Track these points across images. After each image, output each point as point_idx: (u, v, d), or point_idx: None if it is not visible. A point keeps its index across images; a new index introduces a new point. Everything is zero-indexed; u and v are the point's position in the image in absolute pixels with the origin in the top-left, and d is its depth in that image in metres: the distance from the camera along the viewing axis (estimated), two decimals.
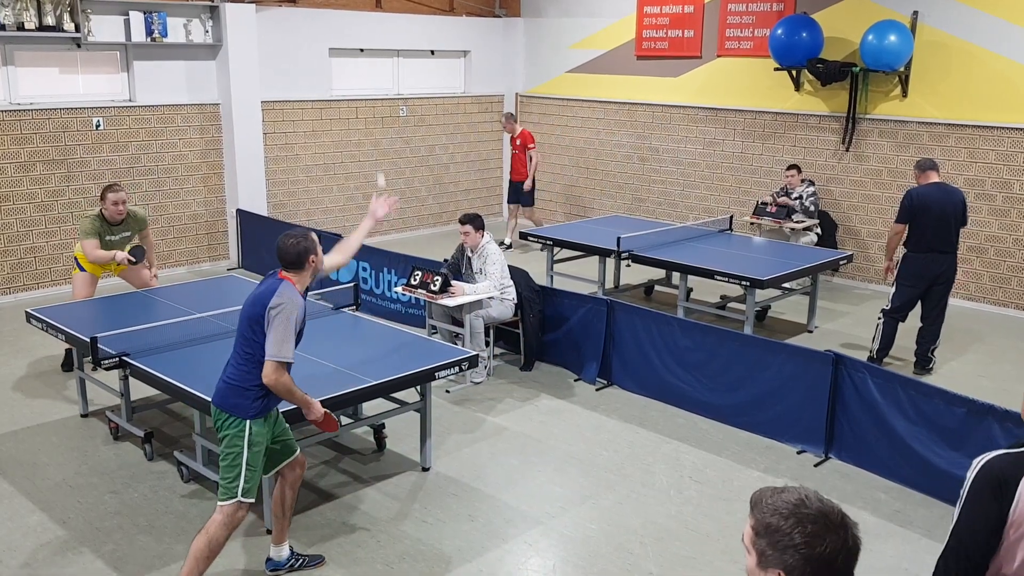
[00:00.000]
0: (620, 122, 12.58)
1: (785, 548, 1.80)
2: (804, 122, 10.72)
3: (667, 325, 6.90)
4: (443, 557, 4.80)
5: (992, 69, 9.20)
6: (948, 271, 7.35)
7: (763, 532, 1.84)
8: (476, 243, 7.40)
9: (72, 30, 9.27)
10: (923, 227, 7.22)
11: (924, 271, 7.32)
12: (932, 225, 7.20)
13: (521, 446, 6.16)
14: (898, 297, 7.44)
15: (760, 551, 1.84)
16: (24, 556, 4.76)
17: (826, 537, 1.78)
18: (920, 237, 7.26)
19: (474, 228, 7.37)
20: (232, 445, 4.18)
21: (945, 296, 7.47)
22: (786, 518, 1.81)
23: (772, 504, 1.86)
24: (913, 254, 7.33)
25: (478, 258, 7.41)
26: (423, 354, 5.63)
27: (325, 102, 11.67)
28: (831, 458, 6.01)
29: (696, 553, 4.88)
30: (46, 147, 9.45)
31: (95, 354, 5.33)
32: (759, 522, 1.86)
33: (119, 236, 7.22)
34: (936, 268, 7.32)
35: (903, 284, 7.41)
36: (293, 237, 4.25)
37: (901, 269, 7.43)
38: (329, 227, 11.35)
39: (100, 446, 6.07)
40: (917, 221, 7.24)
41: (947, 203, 7.23)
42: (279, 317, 4.04)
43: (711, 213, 11.53)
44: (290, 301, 4.08)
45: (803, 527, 1.79)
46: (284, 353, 4.06)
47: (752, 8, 10.96)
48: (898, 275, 7.45)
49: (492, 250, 7.36)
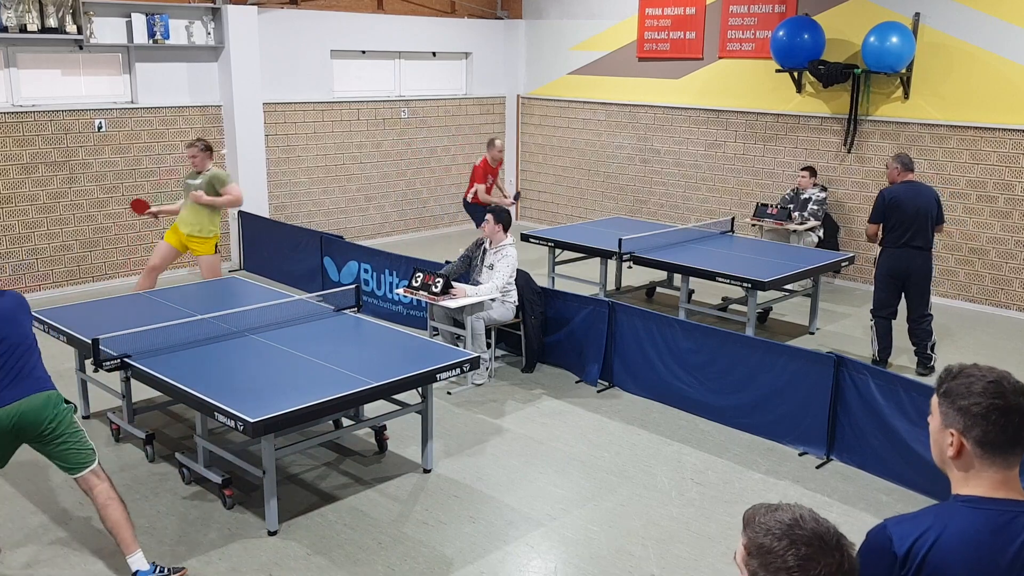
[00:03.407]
0: (621, 124, 12.58)
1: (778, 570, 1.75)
2: (806, 124, 10.72)
3: (669, 327, 6.90)
4: (444, 559, 4.80)
5: (994, 70, 9.19)
6: (923, 267, 7.43)
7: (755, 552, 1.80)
8: (494, 234, 7.40)
9: (74, 32, 9.28)
10: (896, 225, 7.35)
11: (898, 267, 7.42)
12: (906, 222, 7.32)
13: (522, 448, 6.16)
14: (876, 294, 7.59)
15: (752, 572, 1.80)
16: (25, 557, 4.76)
17: (820, 560, 1.74)
18: (893, 234, 7.38)
19: (494, 219, 7.37)
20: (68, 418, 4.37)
21: (926, 292, 7.51)
22: (779, 539, 1.76)
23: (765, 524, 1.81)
24: (887, 250, 7.46)
25: (494, 254, 7.41)
26: (424, 356, 5.63)
27: (327, 104, 11.68)
28: (833, 460, 6.01)
29: (697, 555, 4.87)
30: (48, 149, 9.46)
31: (96, 356, 5.33)
32: (751, 541, 1.81)
33: (195, 183, 8.22)
34: (910, 264, 7.40)
35: (879, 281, 7.57)
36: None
37: (877, 266, 7.59)
38: (330, 229, 11.35)
39: (101, 447, 6.06)
40: (891, 219, 7.37)
41: (920, 201, 7.34)
42: None
43: (712, 215, 11.53)
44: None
45: (796, 549, 1.75)
46: None
47: (754, 10, 10.96)
48: (875, 273, 7.62)
49: (509, 252, 7.36)
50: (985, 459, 2.03)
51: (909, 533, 2.02)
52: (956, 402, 2.04)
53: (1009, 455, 2.02)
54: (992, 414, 1.99)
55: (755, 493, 5.57)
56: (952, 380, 2.08)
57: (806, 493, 5.58)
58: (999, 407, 2.00)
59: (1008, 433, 2.00)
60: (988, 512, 2.01)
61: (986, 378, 2.03)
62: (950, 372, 2.11)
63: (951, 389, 2.06)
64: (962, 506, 2.04)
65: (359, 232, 12.16)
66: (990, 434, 2.00)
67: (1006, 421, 2.00)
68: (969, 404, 2.02)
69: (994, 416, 1.99)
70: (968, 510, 2.03)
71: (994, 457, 2.02)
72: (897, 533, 2.03)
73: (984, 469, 2.03)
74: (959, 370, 2.09)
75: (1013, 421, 2.00)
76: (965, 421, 2.02)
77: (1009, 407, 2.00)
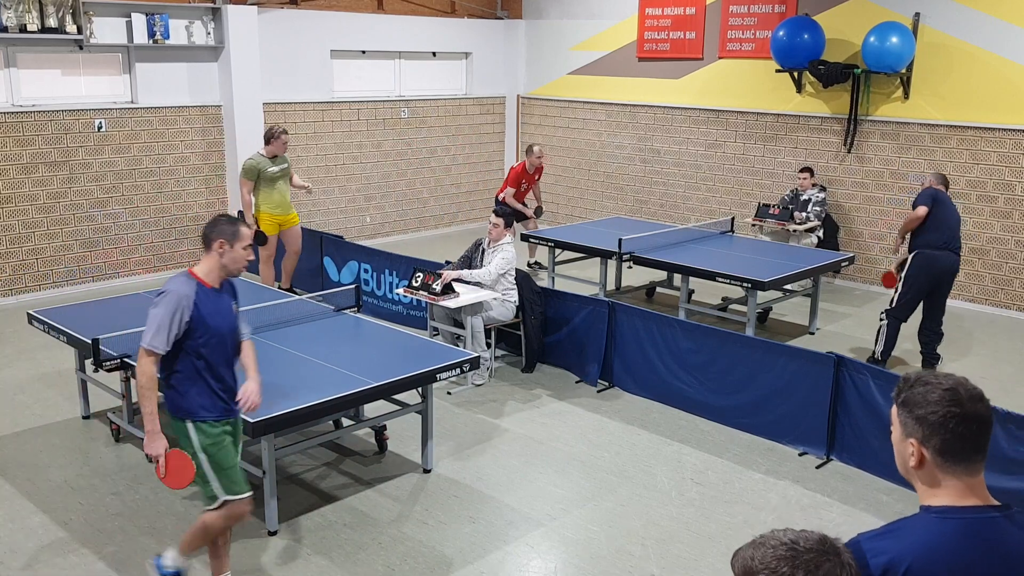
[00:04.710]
0: (621, 124, 12.58)
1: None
2: (806, 124, 10.72)
3: (669, 327, 6.90)
4: (444, 559, 4.80)
5: (994, 70, 9.20)
6: (955, 269, 7.37)
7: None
8: (500, 238, 7.43)
9: (74, 32, 9.28)
10: (940, 225, 7.20)
11: (938, 268, 7.29)
12: (948, 222, 7.24)
13: (522, 448, 6.16)
14: (906, 296, 7.36)
15: None
16: (26, 557, 4.76)
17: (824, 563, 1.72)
18: (936, 234, 7.22)
19: (505, 224, 7.42)
20: (190, 451, 4.03)
21: (947, 294, 7.49)
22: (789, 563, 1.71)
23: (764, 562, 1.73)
24: (928, 252, 7.24)
25: (492, 252, 7.43)
26: (424, 356, 5.63)
27: (327, 104, 11.68)
28: (833, 460, 6.01)
29: (697, 555, 4.87)
30: (48, 149, 9.46)
31: (96, 356, 5.33)
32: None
33: (281, 168, 8.91)
34: (950, 267, 7.32)
35: (914, 283, 7.32)
36: (224, 216, 4.15)
37: (913, 267, 7.31)
38: (330, 229, 11.35)
39: (102, 448, 6.07)
40: (936, 215, 7.20)
41: (955, 207, 7.39)
42: (158, 306, 3.91)
43: (712, 215, 11.53)
44: (174, 291, 3.92)
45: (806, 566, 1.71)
46: (154, 342, 3.89)
47: (754, 10, 10.96)
48: (908, 274, 7.34)
49: (506, 248, 7.39)
50: (947, 468, 1.98)
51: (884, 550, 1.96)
52: (914, 411, 2.00)
53: (970, 463, 1.98)
54: (950, 422, 1.96)
55: (755, 493, 5.57)
56: (909, 389, 2.04)
57: (806, 493, 5.58)
58: (956, 415, 1.96)
59: (967, 441, 1.96)
60: (959, 521, 1.96)
61: (942, 386, 1.99)
62: (907, 381, 2.06)
63: (909, 399, 2.03)
64: (934, 518, 1.99)
65: (359, 232, 12.16)
66: (949, 443, 1.96)
67: (964, 429, 1.96)
68: (926, 413, 1.98)
69: (951, 424, 1.95)
70: (939, 520, 1.98)
71: (955, 466, 1.98)
72: (871, 549, 1.96)
73: (947, 478, 1.99)
74: (916, 378, 2.05)
75: (971, 428, 1.96)
76: (924, 431, 1.98)
77: (966, 414, 1.96)
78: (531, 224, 10.57)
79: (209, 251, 4.01)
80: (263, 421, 4.57)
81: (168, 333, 3.89)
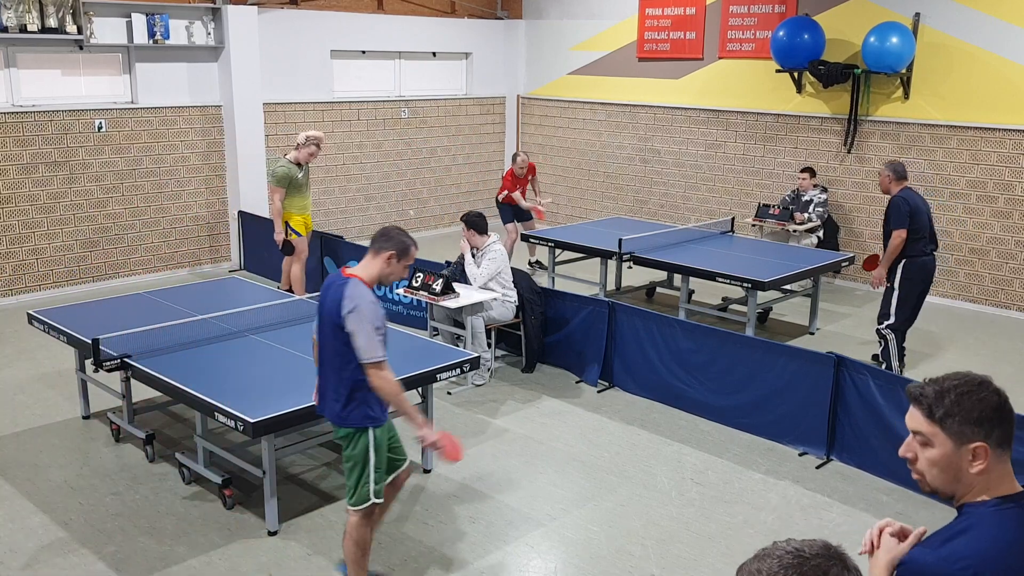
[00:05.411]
0: (621, 124, 12.58)
1: None
2: (806, 124, 10.72)
3: (669, 327, 6.90)
4: (444, 559, 4.80)
5: (994, 71, 9.19)
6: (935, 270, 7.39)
7: None
8: (472, 240, 7.43)
9: (74, 32, 9.28)
10: (919, 228, 7.14)
11: (928, 275, 7.28)
12: (925, 224, 7.17)
13: (522, 448, 6.16)
14: (904, 307, 7.23)
15: None
16: (25, 557, 4.76)
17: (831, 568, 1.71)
18: (921, 242, 7.16)
19: (477, 232, 7.39)
20: (360, 454, 4.13)
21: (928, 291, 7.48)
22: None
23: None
24: (918, 259, 7.17)
25: (481, 257, 7.43)
26: (424, 356, 5.63)
27: (327, 104, 11.68)
28: (833, 460, 6.01)
29: (697, 555, 4.87)
30: (48, 149, 9.46)
31: (96, 356, 5.33)
32: None
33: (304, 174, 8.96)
34: (934, 267, 7.33)
35: (909, 292, 7.21)
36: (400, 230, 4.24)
37: (905, 277, 7.17)
38: (330, 229, 11.35)
39: (101, 448, 6.07)
40: (914, 225, 7.12)
41: (924, 204, 7.23)
42: (355, 319, 3.97)
43: (712, 215, 11.53)
44: (361, 299, 4.00)
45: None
46: (378, 352, 4.00)
47: (754, 10, 10.96)
48: (901, 284, 7.19)
49: (494, 248, 7.37)
50: (1003, 457, 2.05)
51: (960, 555, 1.94)
52: (969, 416, 2.01)
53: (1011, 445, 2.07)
54: (1002, 410, 2.03)
55: (755, 493, 5.57)
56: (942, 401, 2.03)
57: (806, 493, 5.58)
58: (1001, 402, 2.04)
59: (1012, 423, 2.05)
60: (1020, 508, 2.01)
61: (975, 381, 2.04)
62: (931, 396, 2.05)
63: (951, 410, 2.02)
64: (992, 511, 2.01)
65: (359, 232, 12.16)
66: (1006, 430, 2.04)
67: (1009, 412, 2.04)
68: (981, 414, 2.01)
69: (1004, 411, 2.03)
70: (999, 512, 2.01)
71: (1005, 451, 2.05)
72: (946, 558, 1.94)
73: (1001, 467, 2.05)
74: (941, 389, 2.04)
75: (1010, 408, 2.05)
76: (985, 430, 2.01)
77: (1004, 398, 2.05)
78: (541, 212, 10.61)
79: (376, 257, 4.11)
80: (263, 421, 4.58)
81: (383, 339, 4.05)
